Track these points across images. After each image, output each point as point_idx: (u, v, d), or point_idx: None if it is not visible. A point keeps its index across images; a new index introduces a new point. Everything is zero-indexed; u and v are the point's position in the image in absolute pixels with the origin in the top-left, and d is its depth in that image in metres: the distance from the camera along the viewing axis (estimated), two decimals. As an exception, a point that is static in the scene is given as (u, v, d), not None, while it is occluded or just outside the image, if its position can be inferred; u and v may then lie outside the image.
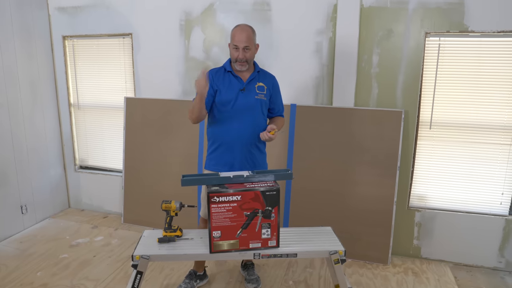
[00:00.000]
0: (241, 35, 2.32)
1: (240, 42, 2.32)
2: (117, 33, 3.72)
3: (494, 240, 3.05)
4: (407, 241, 3.24)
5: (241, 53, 2.34)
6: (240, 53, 2.33)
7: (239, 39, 2.32)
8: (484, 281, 2.93)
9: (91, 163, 4.20)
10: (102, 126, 4.06)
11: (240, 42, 2.32)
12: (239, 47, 2.32)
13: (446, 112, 3.04)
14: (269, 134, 2.34)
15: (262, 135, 2.37)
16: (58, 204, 4.13)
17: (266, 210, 2.06)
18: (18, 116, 3.57)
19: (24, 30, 3.59)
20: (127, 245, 3.37)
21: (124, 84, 3.87)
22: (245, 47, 2.33)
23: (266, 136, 2.35)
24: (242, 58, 2.35)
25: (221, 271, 2.97)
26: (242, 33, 2.33)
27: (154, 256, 2.10)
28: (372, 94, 3.12)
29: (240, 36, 2.32)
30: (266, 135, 2.35)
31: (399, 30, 2.97)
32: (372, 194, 3.10)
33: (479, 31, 2.81)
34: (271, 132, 2.34)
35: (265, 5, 3.23)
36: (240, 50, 2.33)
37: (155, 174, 3.68)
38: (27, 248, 3.31)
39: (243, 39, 2.31)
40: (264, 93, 2.46)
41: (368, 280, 2.90)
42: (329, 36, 3.13)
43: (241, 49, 2.33)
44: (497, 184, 3.03)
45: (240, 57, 2.34)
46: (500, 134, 2.95)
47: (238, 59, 2.35)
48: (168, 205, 2.27)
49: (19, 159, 3.60)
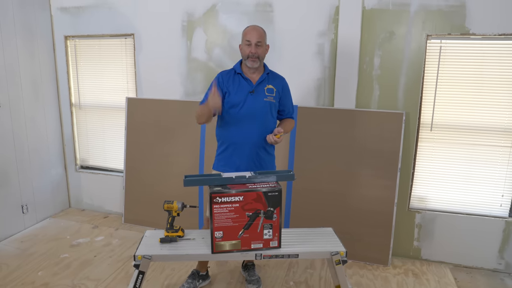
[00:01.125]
0: (254, 31, 2.38)
1: (253, 37, 2.36)
2: (119, 34, 3.73)
3: (494, 242, 3.06)
4: (407, 242, 3.25)
5: (254, 48, 2.36)
6: (253, 48, 2.36)
7: (252, 35, 2.37)
8: (484, 282, 2.94)
9: (92, 163, 4.21)
10: (103, 126, 4.06)
11: (252, 37, 2.36)
12: (252, 42, 2.36)
13: (447, 114, 3.05)
14: (275, 138, 2.34)
15: (268, 138, 2.37)
16: (58, 203, 4.13)
17: (268, 211, 2.07)
18: (20, 115, 3.58)
19: (26, 30, 3.59)
20: (127, 245, 3.38)
21: (126, 84, 3.87)
22: (257, 42, 2.36)
23: (272, 139, 2.36)
24: (254, 53, 2.37)
25: (222, 272, 2.97)
26: (254, 30, 2.39)
27: (156, 256, 2.11)
28: (373, 96, 3.13)
29: (253, 32, 2.38)
30: (272, 138, 2.35)
31: (400, 32, 2.99)
32: (373, 195, 3.11)
33: (480, 34, 2.82)
34: (277, 135, 2.34)
35: (267, 6, 3.24)
36: (253, 45, 2.36)
37: (156, 174, 3.69)
38: (28, 247, 3.31)
39: (255, 35, 2.37)
40: (273, 95, 2.47)
41: (368, 281, 2.90)
42: (331, 37, 3.14)
43: (254, 44, 2.36)
44: (497, 186, 3.04)
45: (252, 52, 2.36)
46: (500, 136, 2.96)
47: (250, 54, 2.37)
48: (170, 205, 2.28)
49: (20, 158, 3.60)
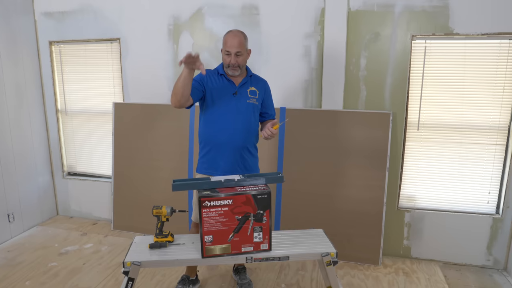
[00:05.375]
0: (233, 41, 2.33)
1: (232, 47, 2.32)
2: (105, 38, 3.69)
3: (482, 239, 3.10)
4: (397, 241, 3.27)
5: (233, 58, 2.34)
6: (232, 59, 2.34)
7: (231, 44, 2.33)
8: (473, 279, 2.97)
9: (80, 170, 4.15)
10: (90, 132, 4.01)
11: (232, 47, 2.32)
12: (231, 52, 2.33)
13: (433, 113, 3.08)
14: (272, 129, 2.30)
15: (265, 132, 2.33)
16: (46, 211, 4.06)
17: (258, 214, 2.06)
18: (4, 122, 3.52)
19: (9, 35, 3.54)
20: (117, 252, 3.34)
21: (113, 89, 3.83)
22: (237, 52, 2.33)
23: (269, 132, 2.31)
24: (234, 64, 2.35)
25: (213, 276, 2.95)
26: (234, 39, 2.33)
27: (146, 262, 2.08)
28: (360, 97, 3.16)
29: (232, 41, 2.33)
30: (269, 130, 2.30)
31: (386, 33, 3.01)
32: (362, 196, 3.13)
33: (463, 33, 2.87)
34: (274, 126, 2.31)
35: (254, 9, 3.25)
36: (232, 55, 2.34)
37: (145, 179, 3.65)
38: (15, 257, 3.25)
39: (235, 45, 2.32)
40: (256, 97, 2.48)
41: (359, 281, 2.91)
42: (317, 39, 3.15)
43: (233, 54, 2.33)
44: (484, 183, 3.08)
45: (232, 63, 2.35)
46: (486, 134, 3.01)
47: (230, 64, 2.36)
48: (159, 210, 2.26)
49: (5, 166, 3.54)
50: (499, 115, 2.96)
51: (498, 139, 2.99)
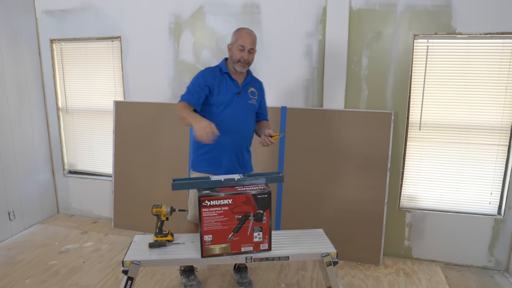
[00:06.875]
0: (248, 37, 2.37)
1: (247, 43, 2.35)
2: (105, 36, 3.69)
3: (484, 240, 3.08)
4: (398, 241, 3.26)
5: (246, 54, 2.36)
6: (245, 54, 2.36)
7: (246, 40, 2.36)
8: (474, 280, 2.95)
9: (80, 168, 4.15)
10: (91, 130, 4.01)
11: (247, 43, 2.35)
12: (246, 48, 2.35)
13: (435, 113, 3.07)
14: (272, 140, 2.32)
15: (263, 140, 2.36)
16: (46, 209, 4.07)
17: (258, 213, 2.05)
18: (5, 119, 3.52)
19: (11, 33, 3.53)
20: (117, 250, 3.33)
21: (113, 88, 3.83)
22: (250, 49, 2.36)
23: (267, 141, 2.34)
24: (246, 59, 2.37)
25: (213, 275, 2.95)
26: (249, 35, 2.38)
27: (145, 262, 2.08)
28: (362, 96, 3.14)
29: (247, 37, 2.37)
30: (268, 140, 2.34)
31: (388, 32, 3.00)
32: (363, 196, 3.12)
33: (466, 33, 2.85)
34: (273, 137, 2.32)
35: (255, 7, 3.23)
36: (246, 51, 2.36)
37: (146, 178, 3.65)
38: (15, 255, 3.25)
39: (250, 41, 2.36)
40: (255, 98, 2.51)
41: (360, 281, 2.90)
42: (318, 38, 3.14)
43: (247, 50, 2.36)
44: (486, 184, 3.06)
45: (245, 58, 2.36)
46: (488, 135, 2.99)
47: (242, 59, 2.37)
48: (158, 209, 2.25)
49: (6, 164, 3.54)
50: (502, 115, 2.94)
51: (500, 139, 2.97)
